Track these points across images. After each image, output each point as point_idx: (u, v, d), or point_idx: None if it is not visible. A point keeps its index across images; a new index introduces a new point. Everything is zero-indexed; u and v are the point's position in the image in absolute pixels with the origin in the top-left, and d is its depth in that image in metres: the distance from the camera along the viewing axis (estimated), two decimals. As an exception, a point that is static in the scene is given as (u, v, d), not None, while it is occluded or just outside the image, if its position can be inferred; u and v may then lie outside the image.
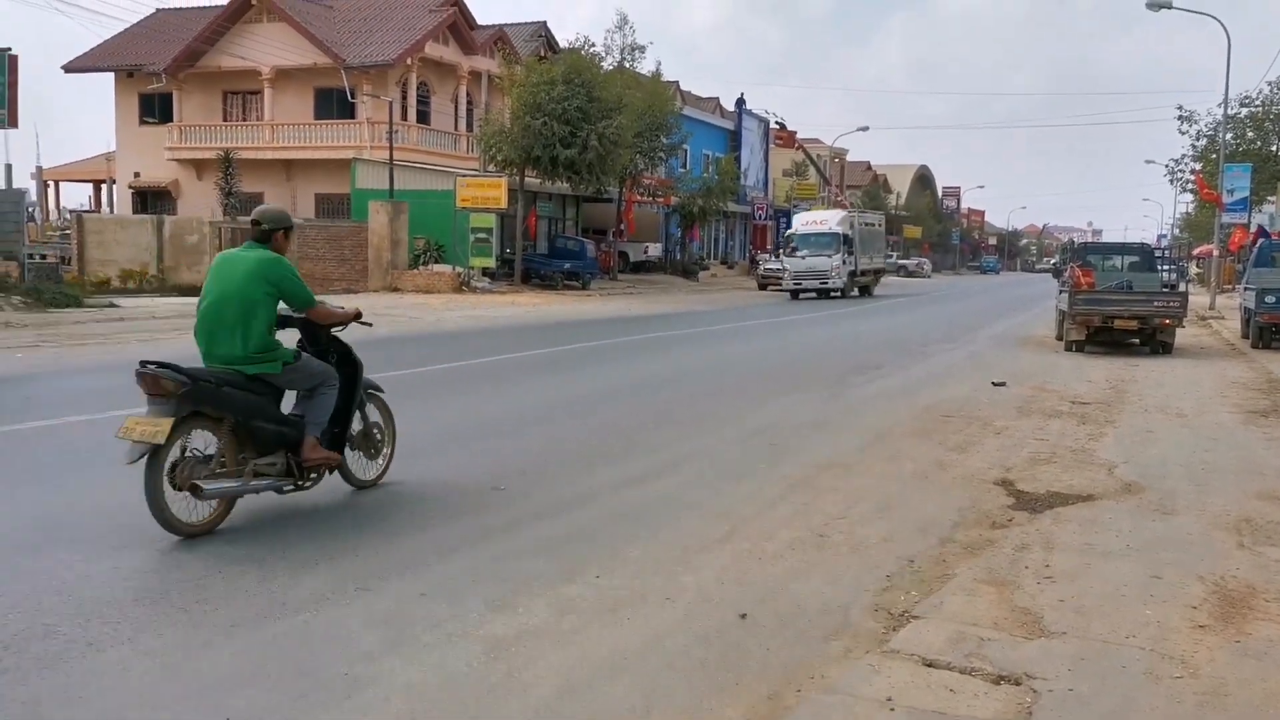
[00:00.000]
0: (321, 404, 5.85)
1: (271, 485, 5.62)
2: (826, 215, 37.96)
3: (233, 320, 5.49)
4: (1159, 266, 19.95)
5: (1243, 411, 10.77)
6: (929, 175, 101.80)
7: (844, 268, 34.40)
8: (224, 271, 5.65)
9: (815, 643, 4.17)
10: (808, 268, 33.98)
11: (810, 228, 35.78)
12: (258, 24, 36.84)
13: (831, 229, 35.02)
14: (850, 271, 35.25)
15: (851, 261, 35.46)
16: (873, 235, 40.34)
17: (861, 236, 37.16)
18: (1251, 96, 38.29)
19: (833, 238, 34.55)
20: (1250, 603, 4.71)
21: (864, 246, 37.42)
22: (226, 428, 5.38)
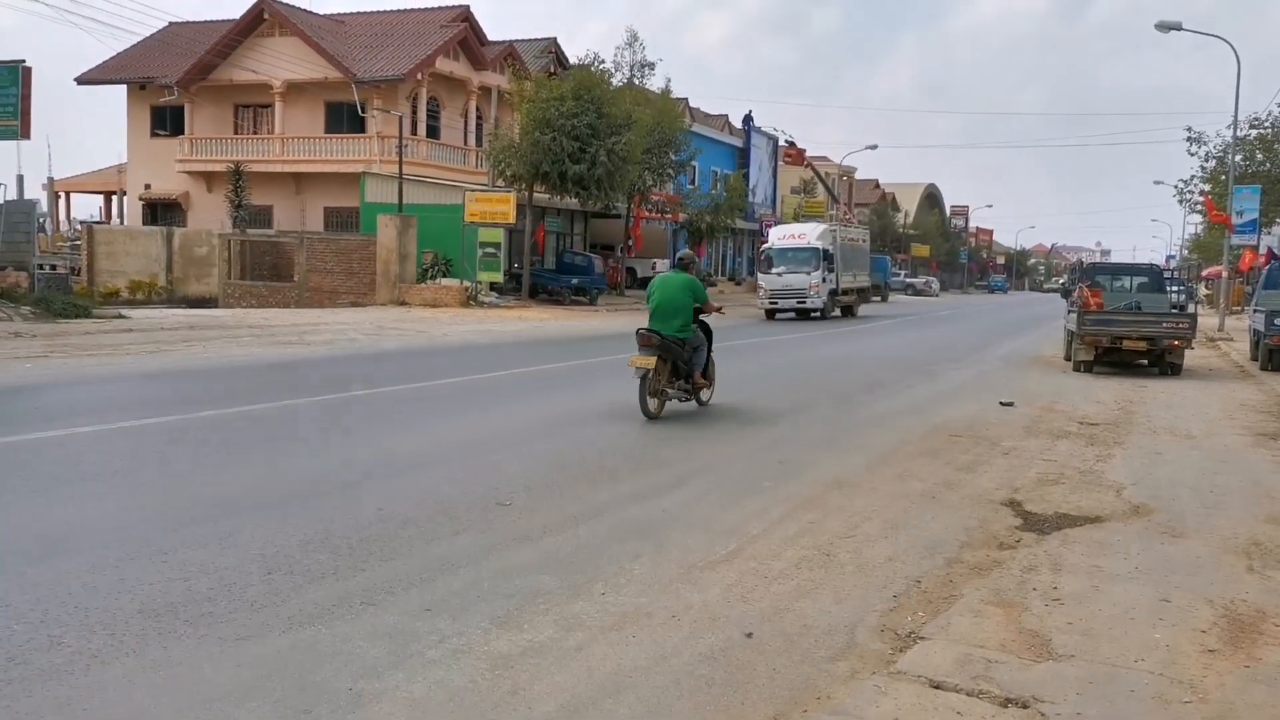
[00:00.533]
0: (700, 355, 10.65)
1: (679, 396, 10.40)
2: (805, 229, 34.96)
3: (672, 312, 10.25)
4: (1168, 288, 19.91)
5: (1252, 434, 10.72)
6: (937, 194, 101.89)
7: (824, 286, 31.68)
8: (664, 284, 10.51)
9: (821, 663, 4.15)
10: (784, 286, 31.50)
11: (787, 242, 33.09)
12: (269, 38, 37.09)
13: (810, 244, 32.33)
14: (831, 291, 32.52)
15: (832, 279, 32.62)
16: (856, 252, 37.55)
17: (844, 253, 34.58)
18: (1261, 118, 38.27)
19: (811, 253, 31.83)
20: (1260, 627, 4.68)
21: (846, 264, 34.71)
22: (668, 365, 10.12)
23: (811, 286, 31.26)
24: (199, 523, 5.82)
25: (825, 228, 34.94)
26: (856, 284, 36.44)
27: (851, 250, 36.24)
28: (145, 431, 8.85)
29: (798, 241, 32.89)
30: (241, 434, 9.00)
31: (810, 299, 31.36)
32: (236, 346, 17.15)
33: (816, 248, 32.05)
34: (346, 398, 11.36)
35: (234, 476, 7.20)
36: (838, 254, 33.29)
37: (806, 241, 32.61)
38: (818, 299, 31.39)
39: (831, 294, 32.56)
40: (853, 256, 36.12)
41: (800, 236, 33.42)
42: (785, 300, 31.48)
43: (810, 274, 31.35)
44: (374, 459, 7.93)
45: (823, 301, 31.60)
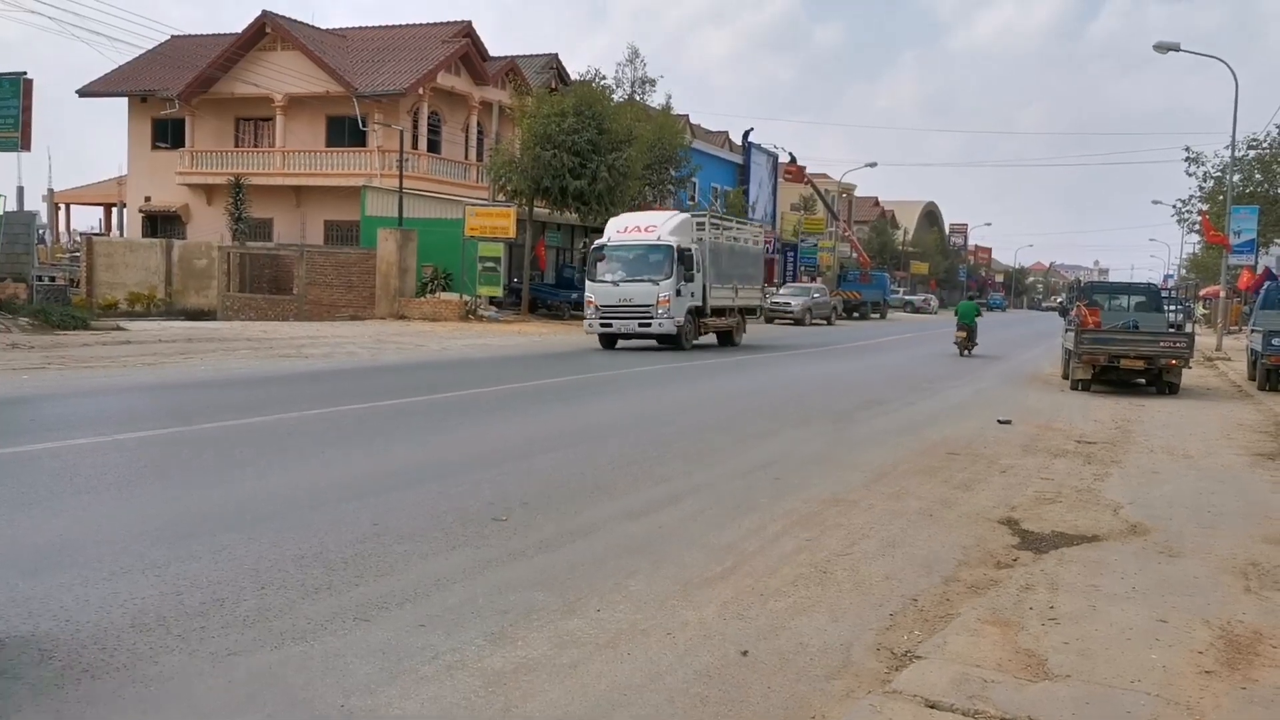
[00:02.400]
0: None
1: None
2: (654, 218, 24.64)
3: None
4: (1165, 307, 19.94)
5: (1249, 454, 10.71)
6: (936, 211, 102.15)
7: (680, 302, 22.73)
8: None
9: (817, 681, 4.13)
10: (621, 299, 22.55)
11: (628, 237, 23.51)
12: (271, 52, 37.23)
13: (660, 239, 22.98)
14: (693, 309, 23.49)
15: (695, 292, 23.58)
16: (741, 256, 27.27)
17: (718, 255, 25.13)
18: (1259, 139, 38.43)
19: (662, 254, 22.73)
20: (1257, 648, 4.66)
21: (723, 271, 25.39)
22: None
23: (660, 301, 22.32)
24: (193, 536, 5.79)
25: (685, 218, 24.87)
26: (740, 300, 26.76)
27: (732, 253, 26.38)
28: (141, 444, 8.84)
29: (642, 237, 23.35)
30: (237, 447, 8.98)
31: (657, 320, 22.46)
32: (234, 359, 17.15)
33: (669, 245, 22.72)
34: (343, 411, 11.34)
35: (229, 490, 7.18)
36: (705, 256, 23.99)
37: (655, 236, 23.12)
38: (668, 320, 22.47)
39: (694, 313, 23.52)
40: (735, 261, 26.48)
41: (647, 229, 23.52)
42: (623, 321, 22.76)
43: (659, 283, 22.36)
44: (370, 473, 7.91)
45: (676, 324, 22.58)
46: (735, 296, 26.38)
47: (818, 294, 44.44)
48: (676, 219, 24.35)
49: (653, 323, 22.53)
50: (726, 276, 25.69)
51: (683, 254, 22.91)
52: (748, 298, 27.83)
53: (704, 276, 23.95)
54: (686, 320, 23.07)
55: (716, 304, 24.81)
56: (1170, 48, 28.36)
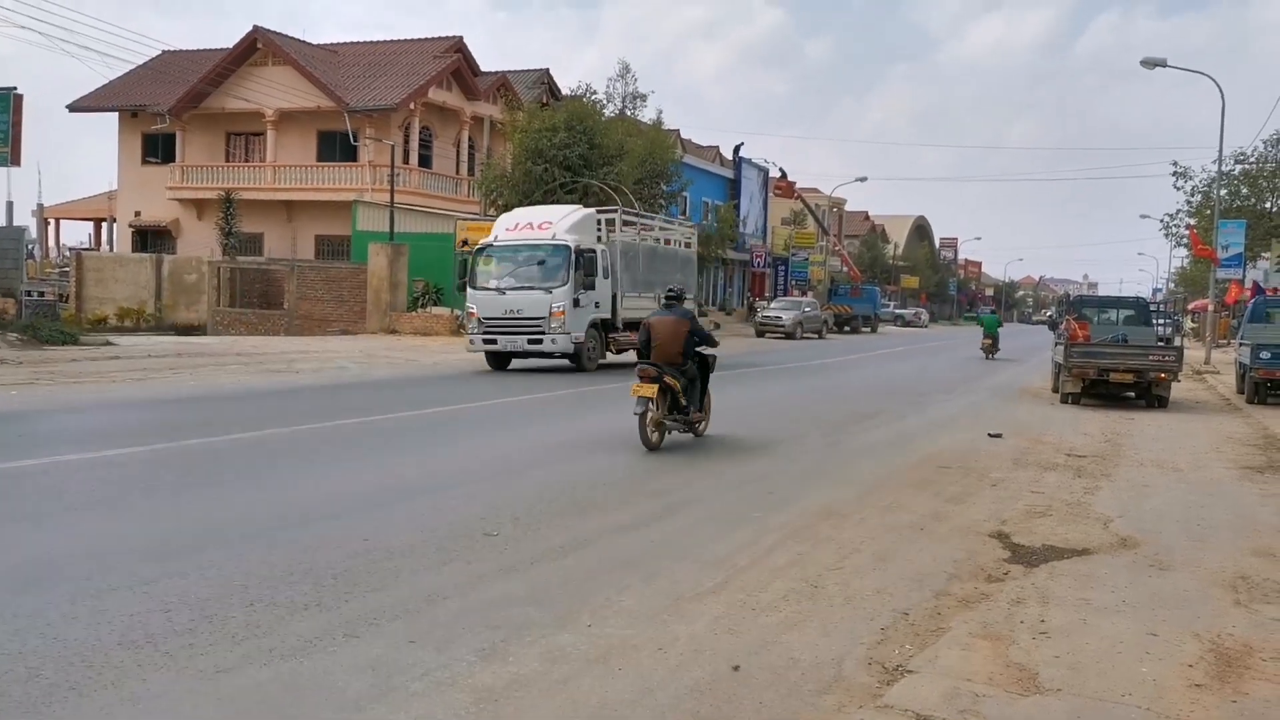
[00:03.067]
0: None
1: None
2: (552, 213, 20.97)
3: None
4: (1154, 320, 20.04)
5: (1238, 467, 10.75)
6: (927, 226, 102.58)
7: (580, 313, 19.20)
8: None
9: (808, 696, 4.12)
10: (507, 310, 19.09)
11: (518, 236, 19.97)
12: (262, 67, 37.29)
13: (556, 239, 19.38)
14: (598, 322, 19.91)
15: (602, 302, 20.01)
16: (667, 260, 23.55)
17: (631, 258, 21.42)
18: (1246, 153, 38.75)
19: (558, 256, 19.16)
20: (1247, 661, 4.67)
21: (638, 277, 21.66)
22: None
23: (553, 313, 18.78)
24: (182, 553, 5.77)
25: (588, 213, 21.26)
26: None
27: (653, 256, 22.87)
28: (130, 460, 8.80)
29: (534, 235, 19.77)
30: (227, 463, 8.95)
31: (550, 335, 18.88)
32: (224, 374, 17.10)
33: (565, 246, 19.15)
34: (334, 426, 11.31)
35: (219, 506, 7.15)
36: (615, 259, 20.61)
37: (550, 235, 19.54)
38: (563, 336, 18.91)
39: (599, 327, 20.01)
40: (658, 266, 22.71)
41: (541, 226, 19.94)
42: (510, 336, 19.19)
43: (552, 291, 18.89)
44: (361, 488, 7.89)
45: (574, 340, 19.09)
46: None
47: (809, 308, 44.53)
48: (577, 214, 20.81)
49: (544, 339, 18.95)
50: (647, 283, 21.70)
51: (583, 256, 19.26)
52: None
53: (614, 283, 20.38)
54: (589, 336, 19.53)
55: (631, 316, 20.14)
56: (1157, 63, 28.57)
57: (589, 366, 19.55)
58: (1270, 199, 39.05)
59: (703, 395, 10.88)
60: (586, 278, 19.31)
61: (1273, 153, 37.96)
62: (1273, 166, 38.23)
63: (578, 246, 19.27)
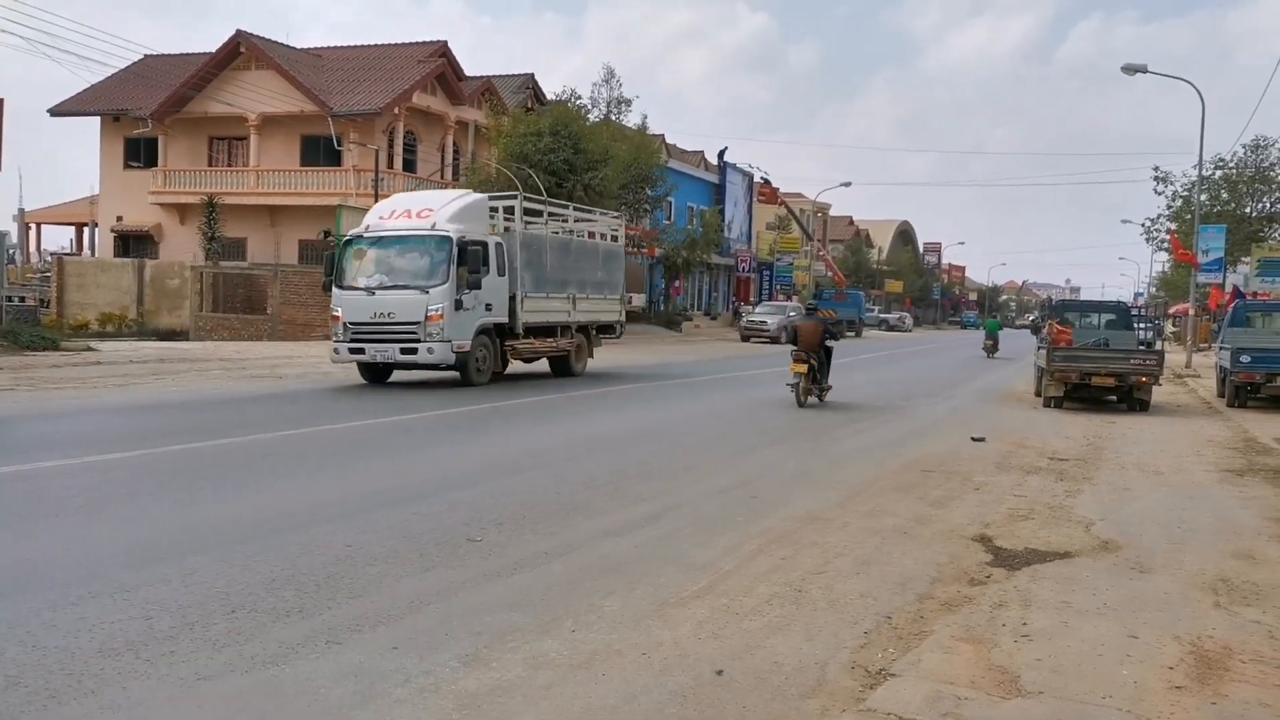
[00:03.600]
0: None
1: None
2: (433, 200, 17.98)
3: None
4: (1135, 325, 20.17)
5: (1219, 470, 10.83)
6: (910, 231, 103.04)
7: (464, 317, 16.33)
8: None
9: (791, 700, 4.13)
10: (377, 314, 16.29)
11: (393, 225, 16.97)
12: (246, 71, 37.12)
13: (436, 228, 16.43)
14: (489, 327, 17.04)
15: (496, 304, 17.15)
16: (581, 254, 20.72)
17: (535, 251, 18.51)
18: (1226, 159, 39.10)
19: (438, 249, 16.31)
20: (1226, 663, 4.71)
21: (545, 275, 18.69)
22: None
23: (430, 317, 15.98)
24: (163, 559, 5.73)
25: (478, 199, 18.08)
26: (582, 314, 20.19)
27: (566, 250, 19.97)
28: (111, 466, 8.73)
29: (411, 224, 16.82)
30: (209, 469, 8.90)
31: (426, 344, 15.99)
32: (207, 380, 17.01)
33: (445, 237, 16.27)
34: (317, 432, 11.27)
35: (200, 512, 7.11)
36: (514, 253, 17.64)
37: (429, 224, 16.57)
38: (441, 344, 16.00)
39: (492, 333, 17.13)
40: (574, 262, 20.06)
41: (420, 214, 16.88)
42: (379, 345, 16.30)
43: (429, 290, 16.09)
44: (344, 494, 7.86)
45: (456, 349, 16.13)
46: (573, 310, 19.72)
47: (794, 313, 44.60)
48: (464, 200, 17.61)
49: (419, 348, 15.98)
50: (558, 282, 19.15)
51: (467, 249, 16.21)
52: (597, 311, 20.86)
53: (514, 281, 17.58)
54: (477, 344, 16.60)
55: (536, 320, 18.35)
56: (1138, 69, 28.79)
57: (477, 380, 16.72)
58: (1250, 204, 39.45)
59: (827, 373, 15.98)
60: (472, 275, 16.34)
61: (1252, 158, 38.38)
62: (1252, 172, 38.61)
63: (462, 238, 16.32)
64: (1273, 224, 39.31)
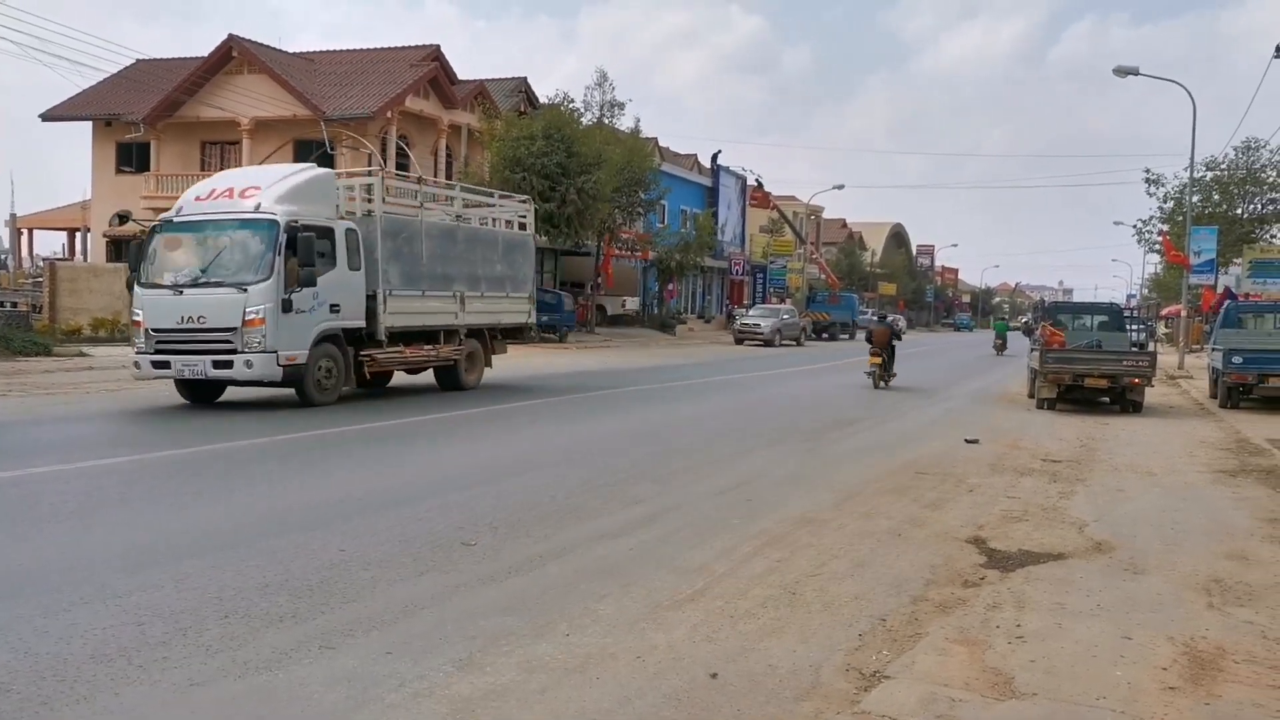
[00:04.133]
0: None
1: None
2: (262, 176, 14.93)
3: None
4: (1128, 326, 20.22)
5: (1212, 471, 10.86)
6: (904, 233, 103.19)
7: (296, 322, 13.34)
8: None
9: (786, 703, 4.13)
10: (185, 317, 13.27)
11: (208, 208, 13.94)
12: (238, 75, 37.06)
13: (260, 211, 13.45)
14: (337, 333, 14.09)
15: (346, 305, 14.18)
16: (474, 245, 17.27)
17: (406, 241, 15.43)
18: (1217, 160, 39.24)
19: (259, 236, 13.32)
20: (1220, 664, 4.72)
21: (420, 269, 15.63)
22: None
23: (248, 321, 12.98)
24: (156, 565, 5.72)
25: (322, 175, 14.90)
26: (475, 316, 16.84)
27: (451, 240, 16.64)
28: (104, 472, 8.71)
29: (230, 206, 13.74)
30: (202, 474, 8.88)
31: (245, 355, 12.97)
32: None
33: (269, 221, 13.27)
34: (311, 436, 11.25)
35: (193, 517, 7.09)
36: (375, 242, 14.61)
37: (252, 205, 13.54)
38: (263, 356, 12.97)
39: (340, 341, 14.09)
40: (463, 254, 16.71)
41: (244, 193, 13.82)
42: (187, 355, 13.27)
43: (247, 287, 13.06)
44: (337, 497, 7.84)
45: (283, 362, 13.10)
46: (462, 310, 16.36)
47: (787, 315, 44.66)
48: (302, 176, 14.35)
49: (235, 360, 12.85)
50: (439, 277, 15.91)
51: (299, 236, 13.02)
52: (497, 312, 17.44)
53: (375, 277, 14.51)
54: (318, 354, 13.58)
55: (408, 323, 15.29)
56: (1130, 72, 28.87)
57: (319, 399, 13.56)
58: (1241, 205, 39.56)
59: (892, 364, 20.86)
60: (305, 268, 13.11)
61: (1243, 159, 38.49)
62: (1243, 173, 38.74)
63: (292, 222, 13.14)
64: (1264, 225, 39.44)
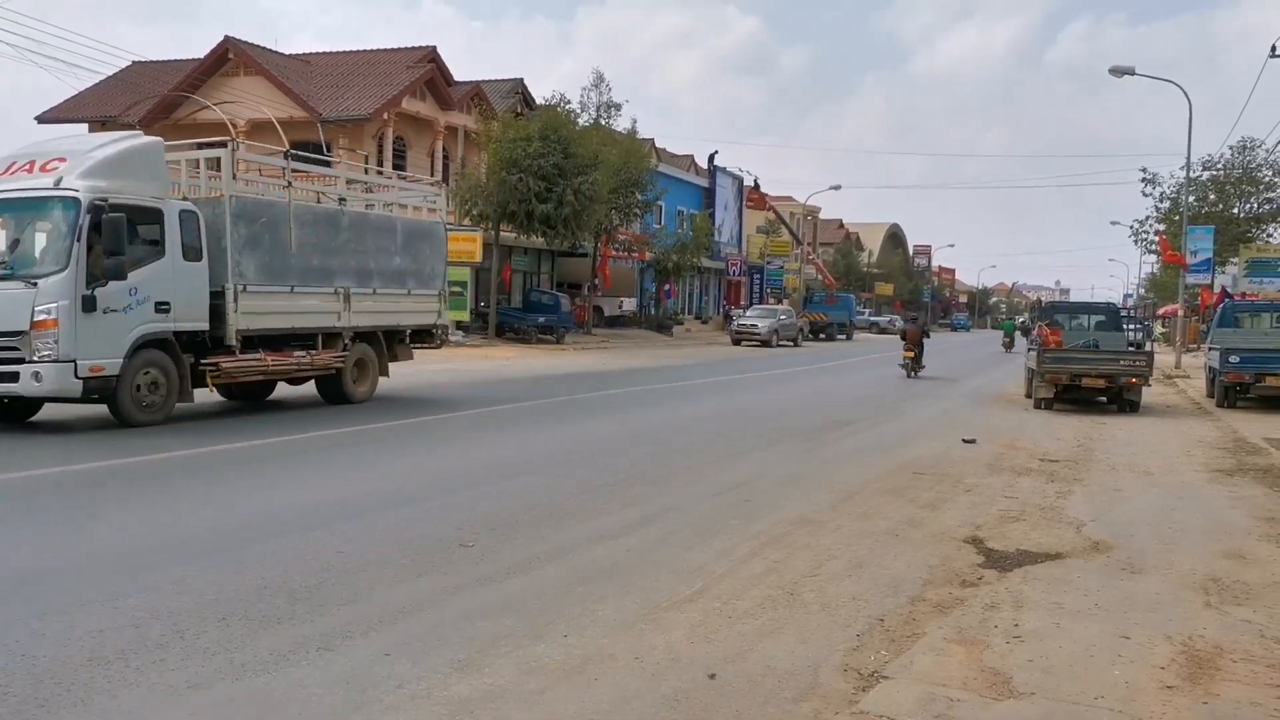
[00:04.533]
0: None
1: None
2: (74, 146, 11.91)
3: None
4: (1125, 326, 20.25)
5: (1209, 470, 10.87)
6: (900, 233, 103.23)
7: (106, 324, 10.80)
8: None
9: (784, 704, 4.13)
10: None
11: (4, 185, 11.18)
12: (234, 77, 37.04)
13: (62, 188, 10.81)
14: (166, 337, 11.57)
15: (182, 303, 11.68)
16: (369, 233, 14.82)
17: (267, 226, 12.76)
18: (1213, 160, 39.30)
19: (60, 219, 10.78)
20: (1217, 663, 4.72)
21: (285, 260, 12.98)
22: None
23: (37, 324, 10.47)
24: (153, 567, 5.71)
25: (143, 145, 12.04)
26: (363, 316, 14.44)
27: (333, 226, 14.16)
28: (102, 473, 8.70)
29: (30, 182, 11.17)
30: (199, 475, 8.86)
31: (34, 368, 10.48)
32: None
33: (70, 198, 10.79)
34: (307, 438, 11.24)
35: (190, 519, 7.08)
36: (225, 230, 12.20)
37: (54, 180, 11.01)
38: (55, 366, 10.49)
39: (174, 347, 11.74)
40: (353, 246, 14.32)
41: (48, 166, 11.21)
42: None
43: (38, 283, 10.57)
44: (335, 499, 7.83)
45: (88, 373, 10.70)
46: (346, 310, 13.84)
47: (784, 316, 44.67)
48: (120, 145, 11.78)
49: (21, 372, 10.52)
50: (316, 271, 13.30)
51: (105, 218, 10.69)
52: (397, 311, 15.12)
53: (224, 269, 12.10)
54: (139, 364, 11.25)
55: (270, 325, 12.77)
56: (1126, 72, 28.91)
57: (140, 418, 11.24)
58: (1237, 205, 39.64)
59: (921, 356, 24.30)
60: (113, 257, 10.73)
61: (1239, 159, 38.56)
62: (1239, 173, 38.81)
63: (96, 201, 10.71)
64: (1260, 225, 39.53)
